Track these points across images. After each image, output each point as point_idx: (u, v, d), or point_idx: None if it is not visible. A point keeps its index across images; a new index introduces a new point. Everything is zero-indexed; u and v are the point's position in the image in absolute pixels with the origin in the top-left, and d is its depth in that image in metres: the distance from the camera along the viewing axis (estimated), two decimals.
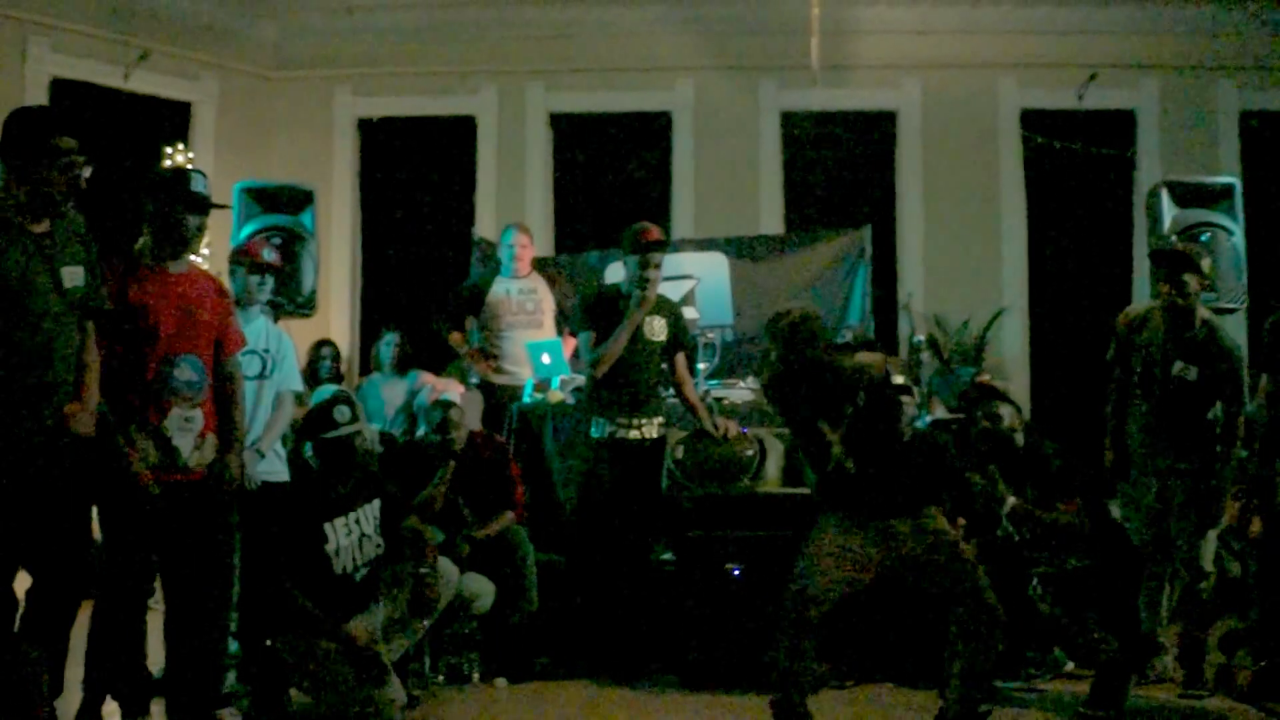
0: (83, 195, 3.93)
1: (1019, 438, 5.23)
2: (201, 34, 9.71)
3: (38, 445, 3.72)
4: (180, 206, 4.38)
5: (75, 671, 4.42)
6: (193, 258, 4.72)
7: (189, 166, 4.82)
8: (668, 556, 6.01)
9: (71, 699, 4.41)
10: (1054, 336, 9.78)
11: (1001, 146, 9.90)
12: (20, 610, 3.84)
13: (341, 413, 4.93)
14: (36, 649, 3.49)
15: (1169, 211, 7.56)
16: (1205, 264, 5.46)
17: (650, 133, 10.03)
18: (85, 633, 4.34)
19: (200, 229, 4.55)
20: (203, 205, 4.47)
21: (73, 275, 3.83)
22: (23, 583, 3.86)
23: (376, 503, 4.98)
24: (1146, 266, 8.67)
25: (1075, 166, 9.78)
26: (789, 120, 9.99)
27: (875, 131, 10.04)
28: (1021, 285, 9.85)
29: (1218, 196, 7.65)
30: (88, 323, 3.98)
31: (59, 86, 8.93)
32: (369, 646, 4.61)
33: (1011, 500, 5.06)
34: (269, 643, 4.85)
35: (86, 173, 3.86)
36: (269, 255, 5.48)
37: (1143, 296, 8.86)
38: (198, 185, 4.48)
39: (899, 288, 9.76)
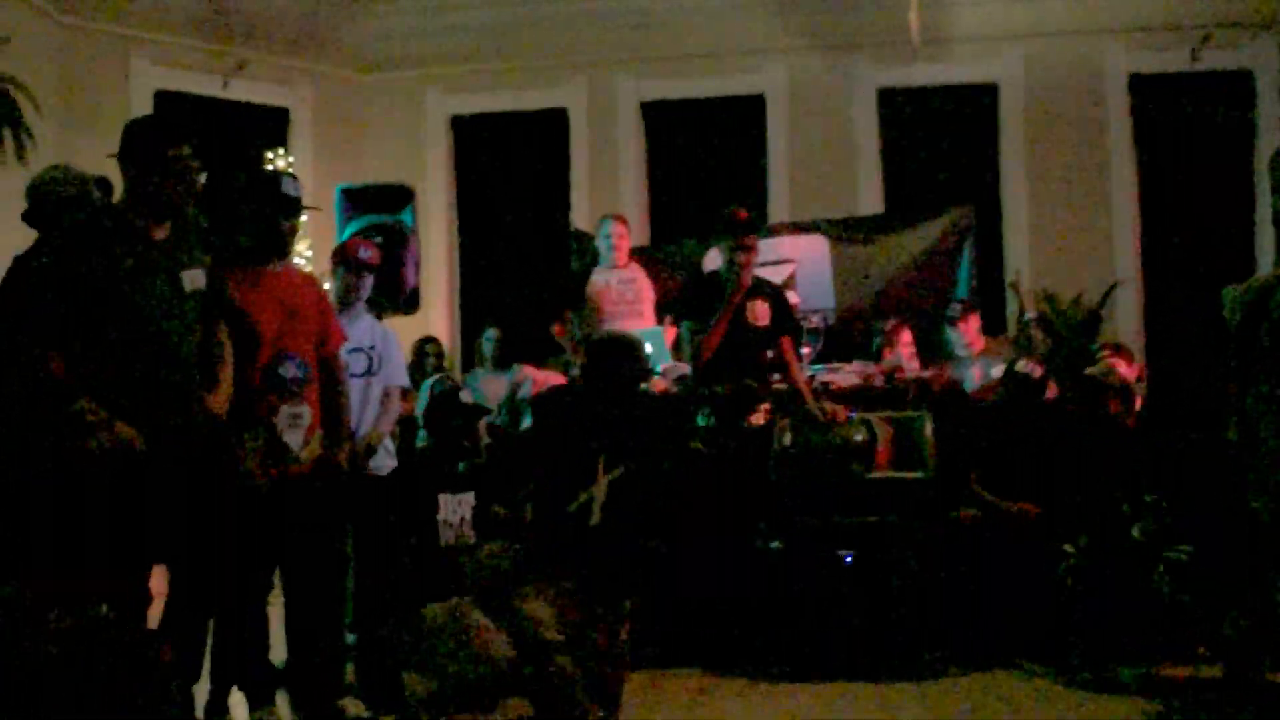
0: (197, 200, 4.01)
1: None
2: (295, 41, 9.82)
3: (174, 443, 3.77)
4: (273, 209, 4.49)
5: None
6: (295, 259, 4.81)
7: (276, 169, 4.87)
8: (776, 544, 5.92)
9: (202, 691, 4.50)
10: (1170, 310, 9.44)
11: (1109, 114, 9.56)
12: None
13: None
14: (172, 643, 3.55)
15: None
16: None
17: (743, 116, 9.87)
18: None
19: (293, 230, 4.67)
20: (294, 207, 4.59)
21: (194, 278, 3.89)
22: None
23: (471, 494, 5.05)
24: (1269, 235, 8.32)
25: (1189, 132, 9.43)
26: (886, 97, 9.77)
27: (976, 105, 9.76)
28: (1134, 258, 9.53)
29: None
30: (217, 328, 4.05)
31: (162, 98, 9.10)
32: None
33: None
34: (383, 631, 4.90)
35: (201, 178, 3.93)
36: (365, 254, 5.51)
37: (1265, 267, 8.50)
38: (288, 188, 4.59)
39: (1005, 265, 9.51)
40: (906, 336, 7.41)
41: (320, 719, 4.48)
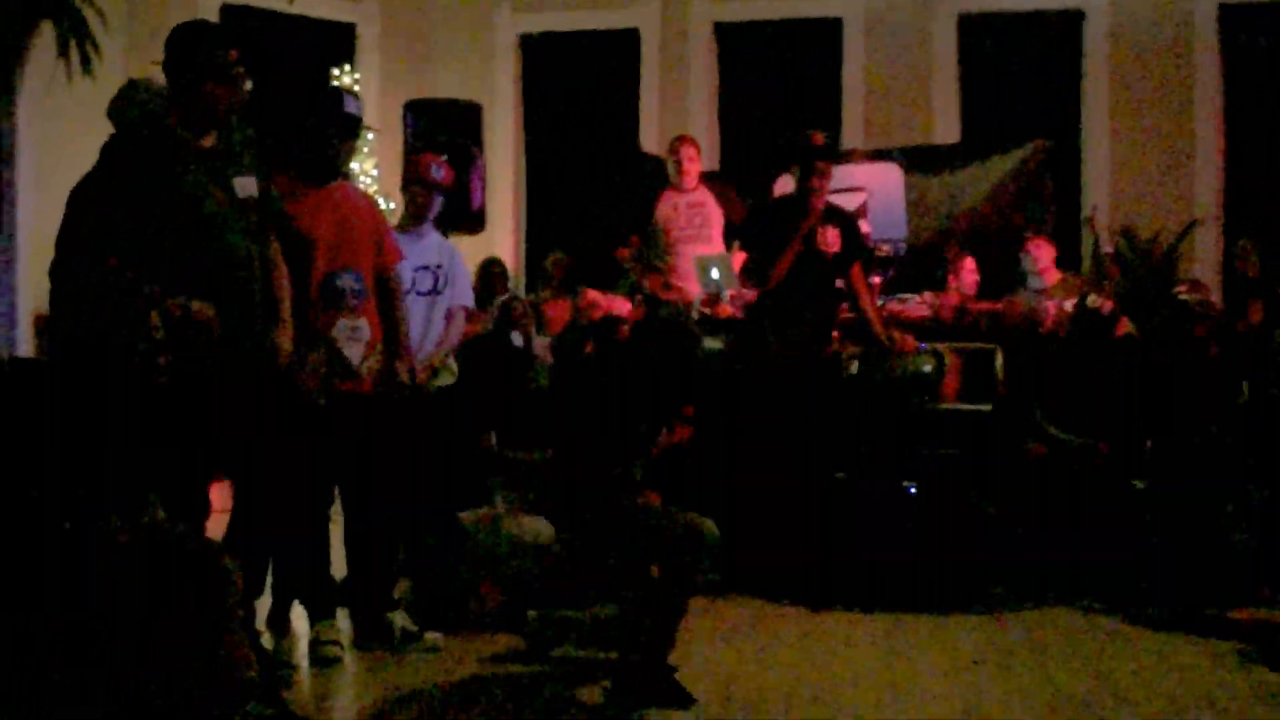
0: (249, 113, 3.94)
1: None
2: None
3: (239, 357, 3.74)
4: (333, 128, 4.46)
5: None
6: (362, 179, 4.79)
7: (338, 86, 4.83)
8: (841, 475, 5.87)
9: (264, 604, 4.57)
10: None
11: (1197, 46, 9.25)
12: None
13: None
14: (235, 556, 3.58)
15: None
16: None
17: (819, 40, 9.65)
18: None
19: (350, 150, 4.68)
20: (353, 126, 4.57)
21: (245, 185, 3.81)
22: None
23: None
24: None
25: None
26: (966, 23, 9.51)
27: (1060, 34, 9.49)
28: (1216, 196, 9.27)
29: None
30: (269, 235, 3.97)
31: (228, 12, 9.04)
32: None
33: None
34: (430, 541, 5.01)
35: (247, 86, 3.85)
36: (438, 172, 5.45)
37: None
38: (349, 106, 4.55)
39: (1083, 200, 9.29)
40: (970, 264, 7.30)
41: (372, 632, 4.53)
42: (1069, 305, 6.38)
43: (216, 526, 3.91)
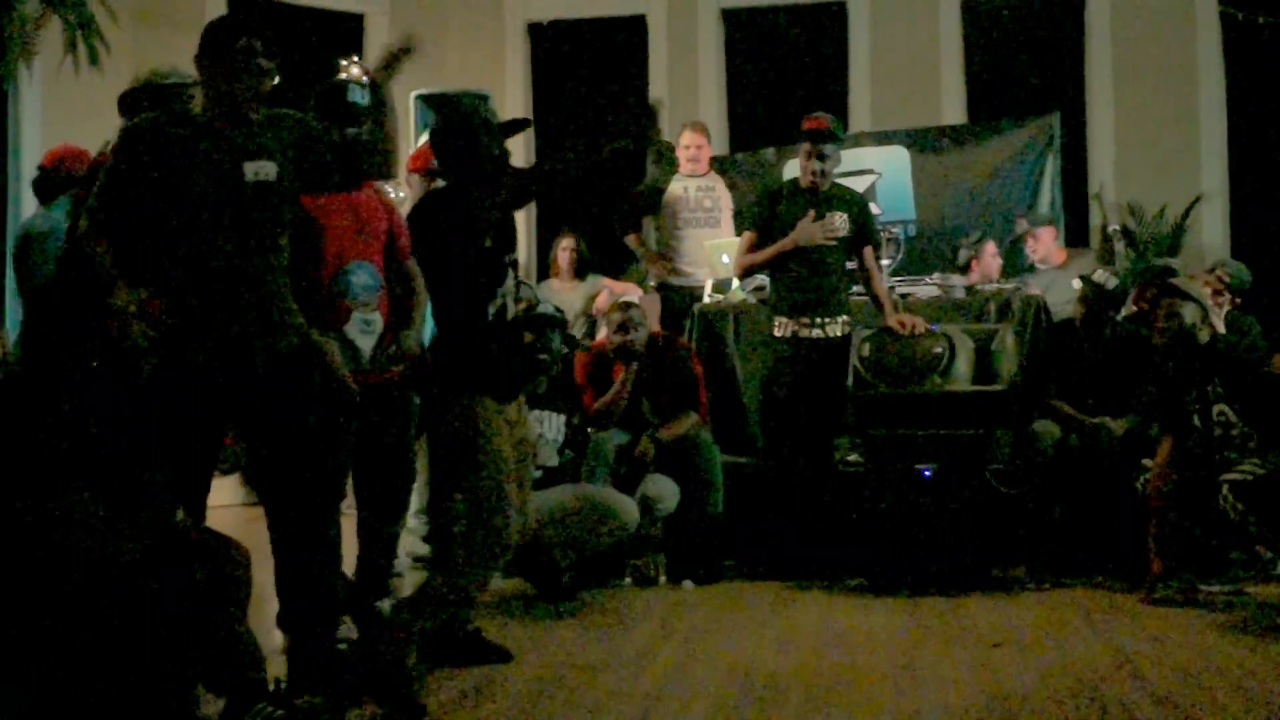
0: (266, 100, 3.90)
1: (1203, 334, 5.01)
2: None
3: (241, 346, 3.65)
4: (335, 121, 4.33)
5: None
6: None
7: (346, 78, 4.77)
8: (855, 457, 5.92)
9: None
10: (1257, 224, 9.21)
11: (1199, 22, 9.25)
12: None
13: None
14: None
15: None
16: None
17: (825, 23, 9.69)
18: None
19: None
20: (357, 118, 4.40)
21: (259, 169, 3.66)
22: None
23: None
24: None
25: None
26: (971, 4, 9.54)
27: (1063, 12, 9.51)
28: (1221, 170, 9.28)
29: None
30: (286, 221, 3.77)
31: (236, 3, 9.09)
32: None
33: None
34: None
35: (273, 78, 3.80)
36: None
37: None
38: (354, 96, 4.49)
39: (1089, 176, 9.32)
40: (991, 248, 7.34)
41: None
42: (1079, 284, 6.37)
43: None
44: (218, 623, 3.37)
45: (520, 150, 9.86)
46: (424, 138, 7.25)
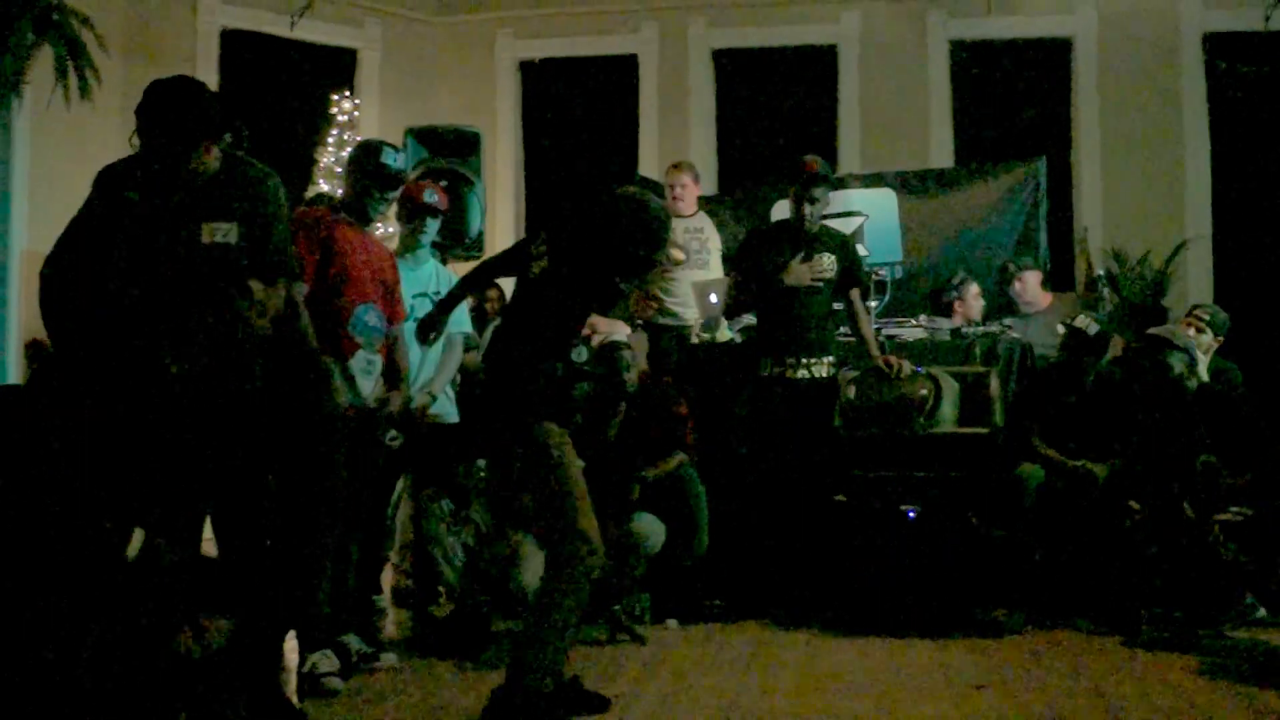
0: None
1: (1191, 383, 5.06)
2: None
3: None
4: (372, 183, 4.62)
5: None
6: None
7: (381, 140, 4.83)
8: (840, 498, 5.92)
9: None
10: (1242, 270, 9.30)
11: (1184, 72, 9.40)
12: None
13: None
14: None
15: None
16: None
17: (815, 66, 9.81)
18: None
19: (389, 200, 4.83)
20: (393, 181, 4.71)
21: (218, 230, 3.52)
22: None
23: None
24: None
25: (1263, 91, 9.26)
26: (958, 50, 9.66)
27: (1049, 60, 9.64)
28: (1206, 217, 9.38)
29: None
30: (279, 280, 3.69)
31: (228, 37, 9.15)
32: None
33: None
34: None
35: (213, 153, 3.57)
36: (430, 197, 5.42)
37: None
38: (387, 158, 4.66)
39: (1075, 221, 9.39)
40: (975, 289, 7.38)
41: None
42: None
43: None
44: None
45: (510, 186, 9.93)
46: (414, 174, 7.29)
